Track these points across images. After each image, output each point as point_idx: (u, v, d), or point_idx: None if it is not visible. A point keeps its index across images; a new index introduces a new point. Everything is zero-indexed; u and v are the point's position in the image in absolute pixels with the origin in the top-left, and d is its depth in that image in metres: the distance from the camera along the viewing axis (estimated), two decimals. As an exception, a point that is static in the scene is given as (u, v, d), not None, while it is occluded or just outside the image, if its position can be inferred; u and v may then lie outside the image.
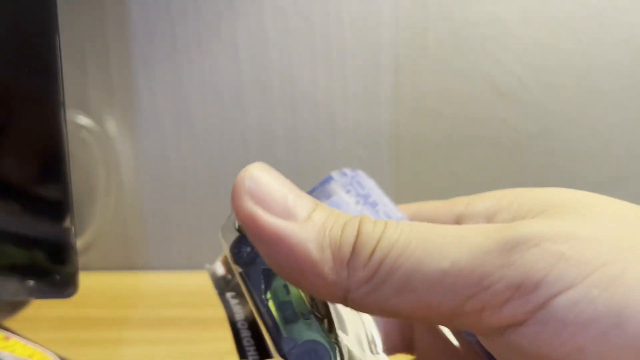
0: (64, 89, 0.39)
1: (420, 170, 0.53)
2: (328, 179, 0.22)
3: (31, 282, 0.41)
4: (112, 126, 0.53)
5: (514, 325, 0.15)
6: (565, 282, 0.15)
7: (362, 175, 0.22)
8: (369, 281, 0.16)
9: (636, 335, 0.14)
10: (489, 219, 0.20)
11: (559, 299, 0.14)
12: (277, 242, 0.16)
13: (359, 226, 0.16)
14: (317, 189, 0.22)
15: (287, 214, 0.16)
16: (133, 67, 0.52)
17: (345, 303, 0.17)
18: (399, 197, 0.38)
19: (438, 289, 0.15)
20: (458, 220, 0.21)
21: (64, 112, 0.39)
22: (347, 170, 0.22)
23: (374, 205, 0.21)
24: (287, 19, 0.51)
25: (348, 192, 0.22)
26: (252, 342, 0.22)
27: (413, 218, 0.22)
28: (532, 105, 0.51)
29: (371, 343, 0.19)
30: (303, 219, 0.16)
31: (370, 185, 0.22)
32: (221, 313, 0.46)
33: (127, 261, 0.56)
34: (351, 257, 0.16)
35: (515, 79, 0.51)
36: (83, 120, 0.51)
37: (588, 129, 0.52)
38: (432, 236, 0.16)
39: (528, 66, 0.51)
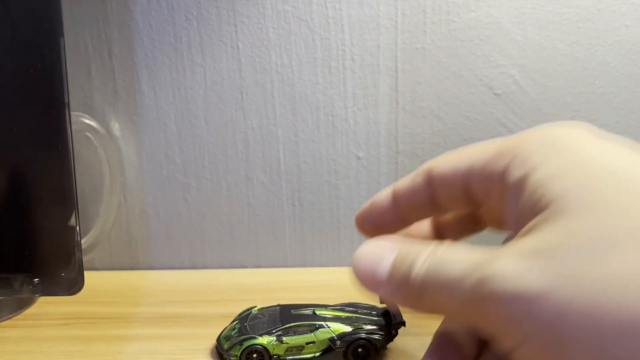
0: (68, 91, 0.40)
1: (419, 170, 0.54)
2: None
3: (37, 280, 0.41)
4: (116, 127, 0.54)
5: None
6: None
7: None
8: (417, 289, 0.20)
9: None
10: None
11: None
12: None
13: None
14: None
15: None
16: (136, 69, 0.53)
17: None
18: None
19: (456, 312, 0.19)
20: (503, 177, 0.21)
21: (69, 113, 0.40)
22: None
23: None
24: (287, 22, 0.52)
25: None
26: None
27: (454, 168, 0.24)
28: (528, 107, 0.52)
29: None
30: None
31: None
32: (222, 310, 0.46)
33: (131, 260, 0.57)
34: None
35: (512, 81, 0.51)
36: (87, 121, 0.51)
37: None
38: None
39: (524, 68, 0.51)
